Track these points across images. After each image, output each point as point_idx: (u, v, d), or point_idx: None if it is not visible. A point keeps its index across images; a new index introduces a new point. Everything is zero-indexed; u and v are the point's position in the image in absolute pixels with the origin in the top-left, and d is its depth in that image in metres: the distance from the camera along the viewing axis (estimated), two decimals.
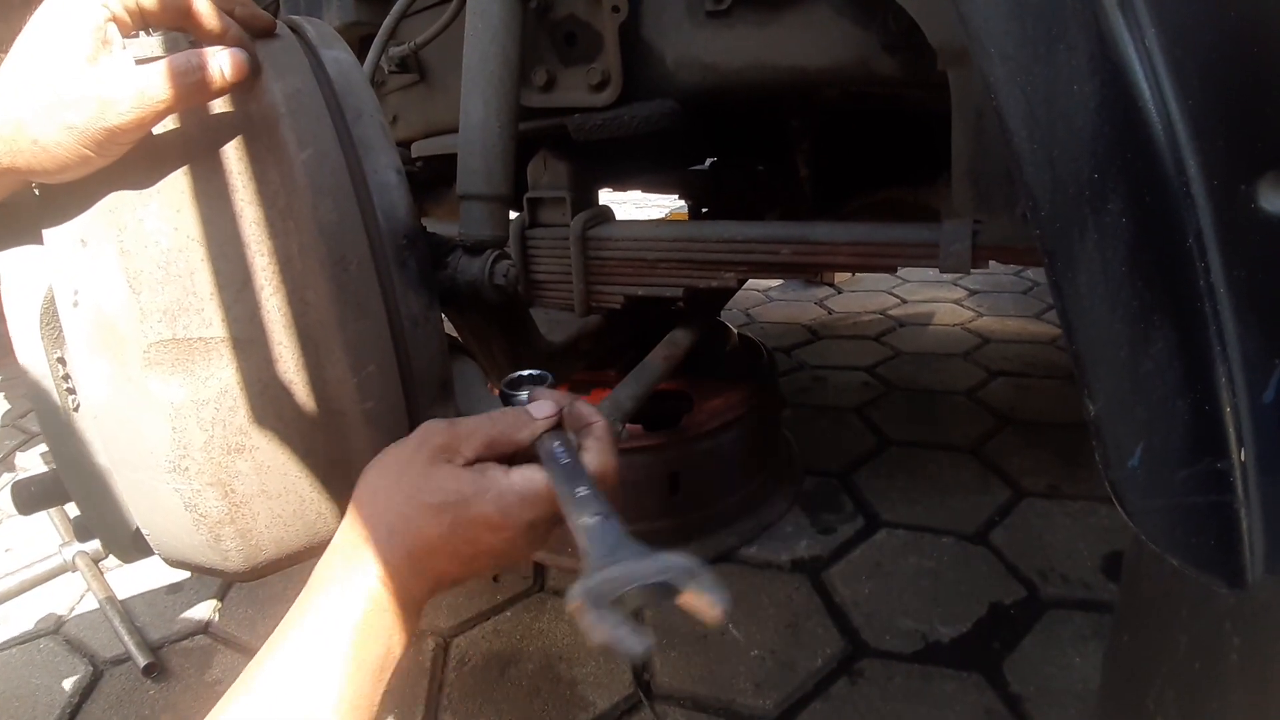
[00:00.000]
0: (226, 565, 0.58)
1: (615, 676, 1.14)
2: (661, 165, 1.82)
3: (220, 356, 0.53)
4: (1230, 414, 0.33)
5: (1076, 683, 1.06)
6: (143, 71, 0.48)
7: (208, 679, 1.19)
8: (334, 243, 0.54)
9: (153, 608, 1.38)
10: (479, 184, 0.85)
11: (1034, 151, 0.35)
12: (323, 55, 0.59)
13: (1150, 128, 0.33)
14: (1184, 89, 0.32)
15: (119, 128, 0.48)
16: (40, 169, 0.49)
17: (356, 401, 0.55)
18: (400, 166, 0.60)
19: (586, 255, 1.12)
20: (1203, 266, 0.32)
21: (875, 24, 0.87)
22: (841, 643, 1.17)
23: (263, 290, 0.53)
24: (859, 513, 1.52)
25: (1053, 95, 0.35)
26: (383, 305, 0.56)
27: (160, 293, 0.51)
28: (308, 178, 0.54)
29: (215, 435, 0.53)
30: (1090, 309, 0.35)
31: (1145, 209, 0.33)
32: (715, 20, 0.95)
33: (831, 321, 2.83)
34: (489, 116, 0.86)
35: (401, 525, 0.51)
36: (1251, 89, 0.32)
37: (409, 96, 1.28)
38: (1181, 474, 0.34)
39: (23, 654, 1.28)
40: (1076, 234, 0.35)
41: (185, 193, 0.52)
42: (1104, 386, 0.35)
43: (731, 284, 1.05)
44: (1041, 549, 1.36)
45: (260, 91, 0.55)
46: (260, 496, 0.56)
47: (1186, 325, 0.34)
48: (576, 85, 1.02)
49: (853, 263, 0.98)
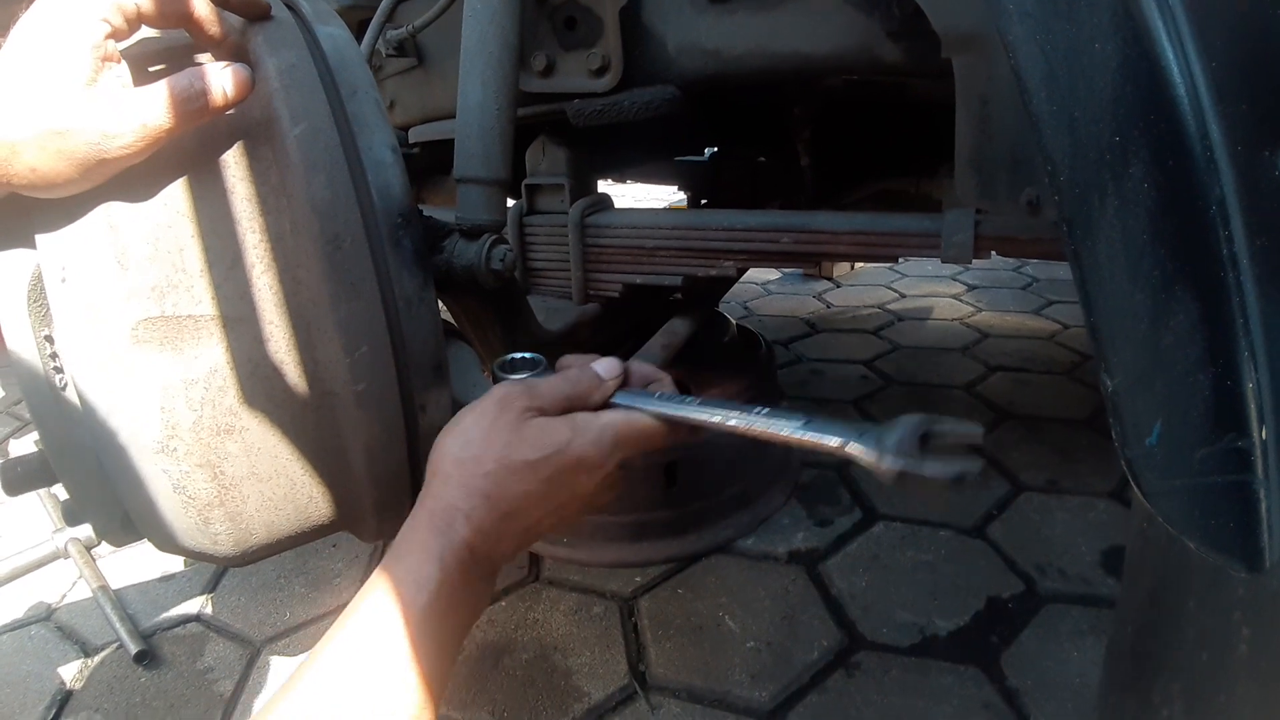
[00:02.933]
0: (216, 549, 0.57)
1: (610, 667, 1.13)
2: (661, 153, 1.82)
3: (210, 335, 0.52)
4: (1252, 390, 0.32)
5: (1074, 677, 1.06)
6: (144, 99, 0.47)
7: (199, 666, 1.18)
8: (327, 220, 0.53)
9: (145, 595, 1.37)
10: (476, 167, 0.84)
11: (1053, 113, 0.34)
12: (318, 31, 0.58)
13: (1173, 89, 0.32)
14: (1207, 50, 0.31)
15: (120, 158, 0.47)
16: (33, 189, 0.47)
17: (349, 383, 0.54)
18: (395, 144, 0.59)
19: (585, 242, 1.11)
20: (1225, 235, 0.31)
21: (879, 10, 0.86)
22: (838, 635, 1.16)
23: (254, 268, 0.52)
24: (856, 506, 1.51)
25: (1074, 54, 0.33)
26: (376, 285, 0.55)
27: (149, 269, 0.50)
28: (301, 153, 0.53)
29: (204, 415, 0.52)
30: (1110, 279, 0.34)
31: (1168, 175, 0.32)
32: (717, 5, 0.94)
33: (830, 315, 2.82)
34: (487, 99, 0.84)
35: (496, 489, 0.53)
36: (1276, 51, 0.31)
37: (406, 81, 1.27)
38: (1201, 453, 0.33)
39: (13, 640, 1.28)
40: (1097, 200, 0.33)
41: (175, 168, 0.51)
42: (1123, 361, 0.34)
43: (731, 273, 1.04)
44: (1040, 543, 1.35)
45: (254, 65, 0.53)
46: (250, 479, 0.55)
47: (1208, 297, 0.32)
48: (576, 70, 1.01)
49: (854, 252, 0.97)
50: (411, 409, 0.59)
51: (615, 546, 1.38)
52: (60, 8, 0.46)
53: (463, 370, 0.74)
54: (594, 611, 1.26)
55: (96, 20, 0.46)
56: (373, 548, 1.47)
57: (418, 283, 0.58)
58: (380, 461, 0.59)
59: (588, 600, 1.29)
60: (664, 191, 5.57)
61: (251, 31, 0.55)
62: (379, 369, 0.56)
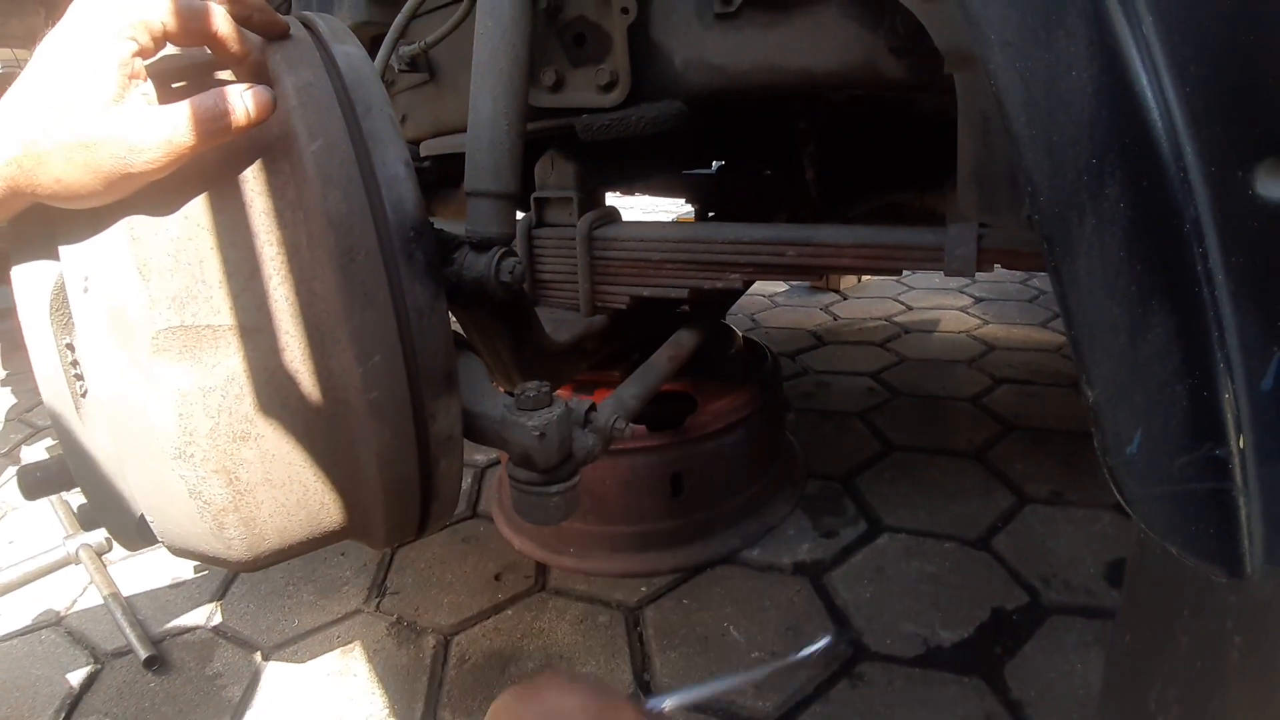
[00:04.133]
0: (230, 554, 0.58)
1: (615, 677, 1.14)
2: (668, 167, 1.83)
3: (227, 344, 0.53)
4: (1229, 401, 0.33)
5: (1078, 689, 1.06)
6: (169, 117, 0.48)
7: (208, 672, 1.20)
8: (342, 233, 0.54)
9: (155, 602, 1.38)
10: (487, 181, 0.85)
11: (1033, 137, 0.35)
12: (334, 50, 0.60)
13: (1147, 113, 0.33)
14: (1181, 75, 0.32)
15: (145, 173, 0.48)
16: (59, 200, 0.49)
17: (361, 391, 0.56)
18: (409, 159, 0.60)
19: (592, 255, 1.12)
20: (1200, 252, 0.32)
21: (882, 27, 0.87)
22: (842, 646, 1.17)
23: (271, 279, 0.54)
24: (861, 517, 1.52)
25: (1051, 81, 0.35)
26: (389, 296, 0.56)
27: (169, 280, 0.52)
28: (317, 169, 0.54)
29: (221, 422, 0.53)
30: (1089, 294, 0.35)
31: (1143, 195, 0.33)
32: (724, 22, 0.95)
33: (837, 327, 2.82)
34: (498, 113, 0.86)
35: None
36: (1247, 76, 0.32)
37: (418, 96, 1.29)
38: (1180, 460, 0.34)
39: (24, 645, 1.29)
40: (1075, 219, 0.35)
41: (196, 182, 0.53)
42: (1102, 372, 0.35)
43: (737, 285, 1.05)
44: (1044, 555, 1.36)
45: (272, 84, 0.55)
46: (264, 485, 0.56)
47: (1185, 311, 0.34)
48: (585, 86, 1.02)
49: (858, 265, 0.98)
50: (422, 417, 0.60)
51: (621, 556, 1.39)
52: (88, 26, 0.47)
53: (472, 380, 0.76)
54: (599, 621, 1.26)
55: (124, 39, 0.47)
56: (380, 556, 1.48)
57: (429, 294, 0.59)
58: (391, 469, 0.60)
59: (593, 610, 1.29)
60: (671, 204, 5.60)
61: (270, 50, 0.57)
62: (391, 378, 0.57)
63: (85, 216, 0.51)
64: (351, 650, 1.23)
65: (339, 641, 1.26)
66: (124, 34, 0.47)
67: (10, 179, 0.47)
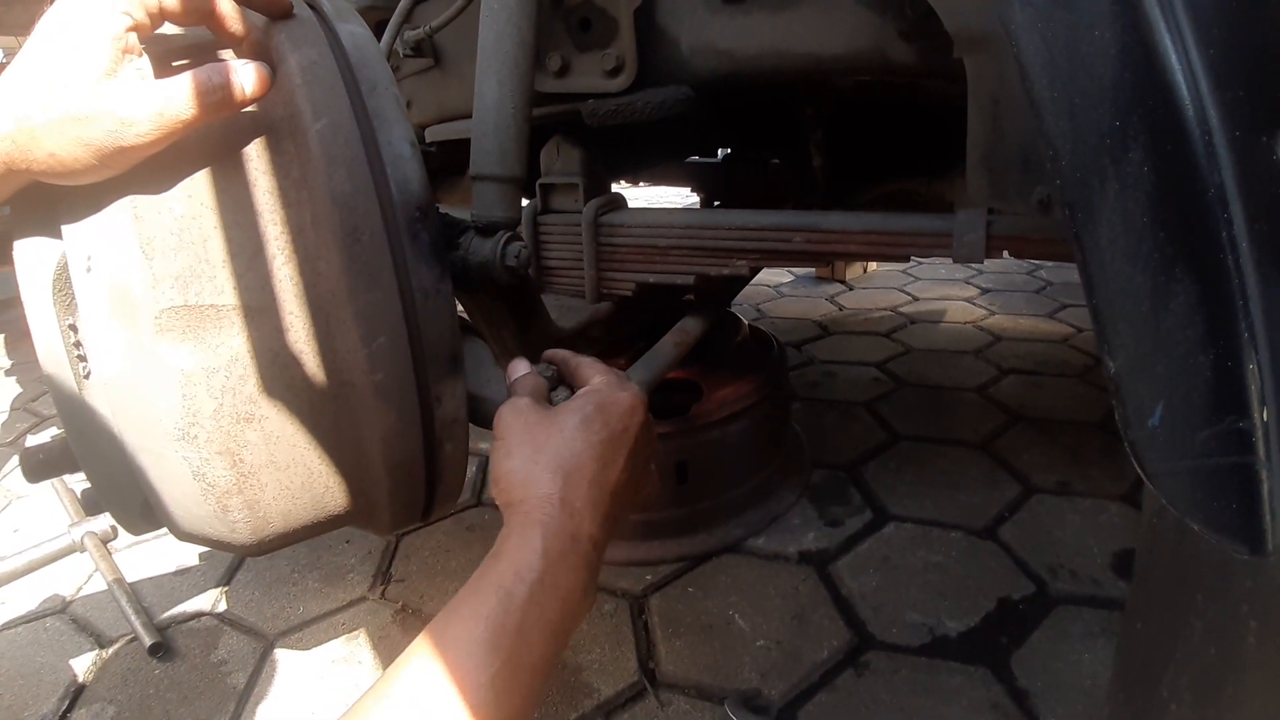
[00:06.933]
0: (234, 537, 0.58)
1: (620, 664, 1.14)
2: (674, 154, 1.82)
3: (231, 324, 0.53)
4: (1253, 372, 0.32)
5: (1085, 679, 1.06)
6: (162, 90, 0.48)
7: (213, 659, 1.20)
8: (347, 213, 0.54)
9: (159, 589, 1.39)
10: (492, 165, 0.85)
11: (1054, 99, 0.34)
12: (338, 29, 0.59)
13: (1171, 75, 0.32)
14: (1204, 37, 0.32)
15: (137, 146, 0.48)
16: (54, 175, 0.49)
17: (366, 373, 0.55)
18: (414, 139, 0.60)
19: (598, 241, 1.12)
20: (1225, 218, 0.32)
21: (891, 10, 0.86)
22: (848, 635, 1.17)
23: (275, 259, 0.53)
24: (867, 506, 1.51)
25: (1074, 41, 0.34)
26: (394, 277, 0.56)
27: (173, 259, 0.51)
28: (322, 148, 0.53)
29: (225, 403, 0.53)
30: (1110, 262, 0.34)
31: (1167, 159, 0.33)
32: (731, 6, 0.94)
33: (842, 317, 2.82)
34: (503, 98, 0.85)
35: (565, 461, 0.60)
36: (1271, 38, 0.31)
37: (423, 81, 1.28)
38: (1203, 434, 0.33)
39: (29, 632, 1.29)
40: (1097, 184, 0.34)
41: (200, 161, 0.52)
42: (1124, 343, 0.35)
43: (743, 272, 1.05)
44: (1051, 545, 1.35)
45: (276, 62, 0.55)
46: (268, 467, 0.56)
47: (1208, 279, 0.33)
48: (591, 71, 1.02)
49: (865, 252, 0.97)
50: (427, 399, 0.60)
51: (626, 545, 1.39)
52: (84, 1, 0.47)
53: (477, 364, 0.75)
54: (604, 609, 1.26)
55: (119, 13, 0.47)
56: (385, 543, 1.48)
57: (435, 275, 0.59)
58: (396, 451, 0.59)
59: (599, 598, 1.29)
60: (677, 193, 5.58)
61: (274, 29, 0.56)
62: (396, 359, 0.57)
63: (88, 195, 0.51)
64: (357, 637, 1.23)
65: (344, 628, 1.26)
66: (119, 8, 0.47)
67: (5, 155, 0.47)
